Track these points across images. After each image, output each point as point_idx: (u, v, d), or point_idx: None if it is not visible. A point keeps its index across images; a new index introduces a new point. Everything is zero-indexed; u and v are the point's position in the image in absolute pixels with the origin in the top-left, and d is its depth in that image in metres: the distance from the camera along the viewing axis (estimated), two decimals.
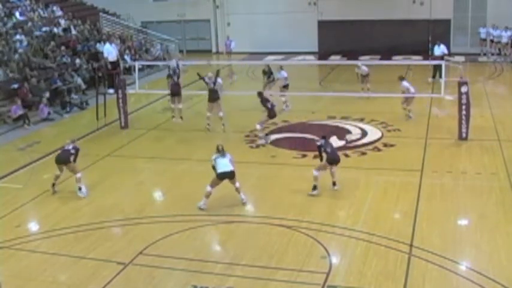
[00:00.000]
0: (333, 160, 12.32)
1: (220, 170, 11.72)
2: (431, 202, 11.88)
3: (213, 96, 17.19)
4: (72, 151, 13.04)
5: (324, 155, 12.39)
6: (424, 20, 29.84)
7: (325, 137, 12.74)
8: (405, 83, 17.89)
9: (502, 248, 9.86)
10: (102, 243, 10.71)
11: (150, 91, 21.04)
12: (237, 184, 11.98)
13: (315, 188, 12.31)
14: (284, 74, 19.77)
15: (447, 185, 12.86)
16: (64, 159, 12.98)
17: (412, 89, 17.66)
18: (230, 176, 11.81)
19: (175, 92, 18.14)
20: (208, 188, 11.83)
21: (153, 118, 19.96)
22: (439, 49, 23.58)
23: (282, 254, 9.95)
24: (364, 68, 21.23)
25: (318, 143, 12.59)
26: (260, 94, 16.49)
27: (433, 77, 22.76)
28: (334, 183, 12.55)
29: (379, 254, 9.79)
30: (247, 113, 18.60)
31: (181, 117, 18.30)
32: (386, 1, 30.61)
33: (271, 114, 16.15)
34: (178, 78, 18.22)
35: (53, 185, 13.19)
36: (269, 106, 16.13)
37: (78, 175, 12.92)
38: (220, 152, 11.89)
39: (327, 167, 12.40)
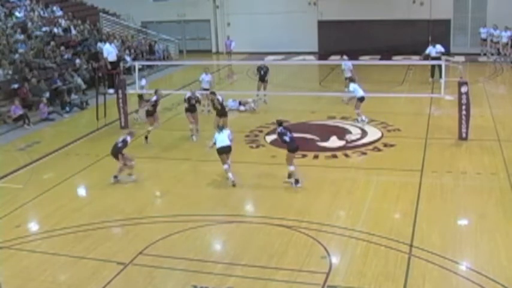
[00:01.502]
0: (293, 149, 12.77)
1: (218, 145, 12.90)
2: (431, 202, 11.89)
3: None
4: (120, 144, 13.76)
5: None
6: (424, 20, 29.85)
7: (281, 124, 13.20)
8: (352, 85, 17.69)
9: (502, 248, 9.87)
10: (102, 243, 10.72)
11: (150, 91, 20.93)
12: (226, 165, 12.95)
13: (289, 176, 12.86)
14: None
15: (447, 185, 12.87)
16: (113, 153, 13.82)
17: (360, 92, 17.32)
18: (227, 150, 12.93)
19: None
20: (225, 167, 13.01)
21: None
22: (435, 49, 23.55)
23: (282, 254, 9.96)
24: (348, 63, 20.95)
25: (278, 130, 13.10)
26: (213, 94, 16.91)
27: (432, 76, 22.74)
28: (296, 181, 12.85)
29: (379, 254, 9.79)
30: (247, 112, 18.61)
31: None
32: (386, 1, 30.61)
33: (219, 112, 16.54)
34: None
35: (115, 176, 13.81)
36: (219, 107, 16.57)
37: (119, 164, 13.69)
38: (219, 128, 13.21)
39: (291, 156, 12.79)
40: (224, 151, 12.95)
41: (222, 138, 12.96)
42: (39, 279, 9.55)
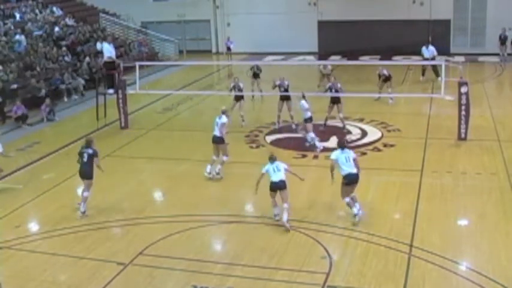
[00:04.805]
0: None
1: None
2: (431, 202, 11.88)
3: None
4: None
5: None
6: (424, 20, 29.82)
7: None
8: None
9: (502, 248, 9.87)
10: (102, 243, 10.72)
11: (150, 91, 21.06)
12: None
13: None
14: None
15: (447, 185, 12.86)
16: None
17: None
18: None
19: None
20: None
21: (153, 118, 19.98)
22: (428, 51, 23.62)
23: (282, 254, 9.95)
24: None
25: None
26: None
27: (437, 76, 22.71)
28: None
29: (379, 254, 9.79)
30: (247, 113, 18.60)
31: None
32: (386, 1, 30.60)
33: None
34: None
35: None
36: None
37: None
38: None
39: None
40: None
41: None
42: (39, 279, 9.55)
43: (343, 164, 11.00)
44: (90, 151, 11.98)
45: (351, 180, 10.96)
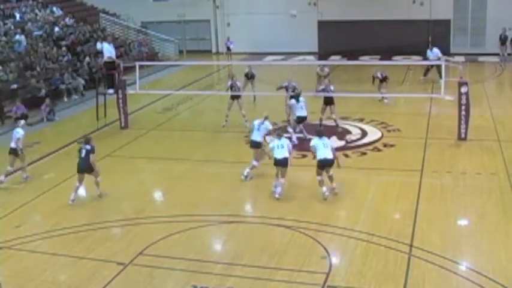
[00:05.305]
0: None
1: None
2: (431, 202, 11.88)
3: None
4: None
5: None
6: (424, 20, 29.85)
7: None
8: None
9: (502, 248, 9.87)
10: (102, 243, 10.72)
11: (151, 91, 21.10)
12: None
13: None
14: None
15: (447, 185, 12.86)
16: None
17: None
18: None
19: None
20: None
21: (153, 118, 19.98)
22: (432, 53, 23.63)
23: (282, 254, 9.95)
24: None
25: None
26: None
27: (440, 76, 22.69)
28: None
29: (379, 254, 9.79)
30: (247, 112, 18.58)
31: None
32: (386, 1, 30.61)
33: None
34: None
35: None
36: None
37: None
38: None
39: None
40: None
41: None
42: (39, 279, 9.55)
43: (320, 149, 12.09)
44: (88, 147, 12.54)
45: (325, 164, 12.04)
